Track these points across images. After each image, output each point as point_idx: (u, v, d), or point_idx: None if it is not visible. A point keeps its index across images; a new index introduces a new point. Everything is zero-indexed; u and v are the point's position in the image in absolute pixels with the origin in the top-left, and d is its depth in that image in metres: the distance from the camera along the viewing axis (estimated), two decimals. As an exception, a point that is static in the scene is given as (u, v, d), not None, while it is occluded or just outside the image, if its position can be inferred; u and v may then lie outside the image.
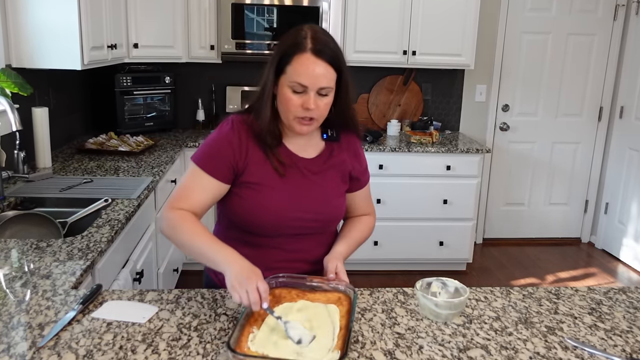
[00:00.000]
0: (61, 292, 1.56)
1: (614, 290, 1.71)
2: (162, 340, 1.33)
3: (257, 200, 1.62)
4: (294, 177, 1.67)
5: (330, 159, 1.73)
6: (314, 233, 1.73)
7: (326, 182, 1.71)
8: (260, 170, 1.63)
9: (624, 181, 4.84)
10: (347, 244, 1.74)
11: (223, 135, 1.64)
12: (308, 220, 1.67)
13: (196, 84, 4.65)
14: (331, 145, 1.75)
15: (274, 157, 1.65)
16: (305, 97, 1.54)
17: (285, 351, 1.25)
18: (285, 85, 1.56)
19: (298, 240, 1.70)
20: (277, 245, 1.68)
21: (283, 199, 1.64)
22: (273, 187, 1.64)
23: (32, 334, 1.33)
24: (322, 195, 1.70)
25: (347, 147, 1.77)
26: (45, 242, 1.94)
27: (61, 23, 2.93)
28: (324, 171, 1.72)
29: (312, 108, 1.55)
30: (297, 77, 1.53)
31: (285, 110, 1.58)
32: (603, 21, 4.88)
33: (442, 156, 4.18)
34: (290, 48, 1.55)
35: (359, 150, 1.82)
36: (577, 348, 1.36)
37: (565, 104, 5.03)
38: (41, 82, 3.27)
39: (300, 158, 1.69)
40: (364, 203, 1.87)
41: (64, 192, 2.65)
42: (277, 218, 1.64)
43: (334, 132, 1.75)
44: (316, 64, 1.52)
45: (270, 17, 4.13)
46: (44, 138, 3.05)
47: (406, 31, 4.28)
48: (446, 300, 1.45)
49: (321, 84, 1.54)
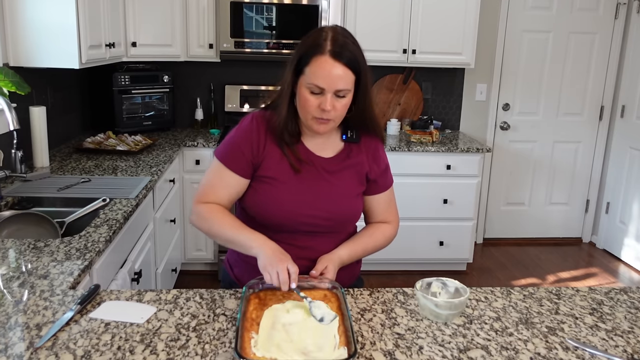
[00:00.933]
0: (59, 293, 1.55)
1: (615, 291, 1.71)
2: (160, 340, 1.33)
3: (271, 194, 1.67)
4: (309, 174, 1.70)
5: (348, 160, 1.75)
6: (328, 232, 1.74)
7: (342, 182, 1.73)
8: (276, 166, 1.68)
9: (625, 181, 4.84)
10: (351, 249, 1.75)
11: (242, 130, 1.71)
12: (322, 218, 1.70)
13: (195, 83, 4.65)
14: (350, 146, 1.77)
15: (291, 153, 1.69)
16: (322, 99, 1.57)
17: (291, 353, 1.26)
18: (304, 86, 1.59)
19: (312, 238, 1.72)
20: (290, 242, 1.69)
21: (297, 195, 1.67)
22: (287, 182, 1.68)
23: (30, 334, 1.33)
24: (337, 194, 1.72)
25: (366, 149, 1.79)
26: (42, 242, 1.94)
27: (59, 21, 2.92)
28: (340, 171, 1.74)
29: (329, 110, 1.57)
30: (315, 79, 1.55)
31: (303, 110, 1.62)
32: (604, 20, 4.88)
33: (442, 155, 4.18)
34: (310, 49, 1.57)
35: (379, 152, 1.82)
36: (578, 349, 1.36)
37: (566, 103, 5.03)
38: (39, 81, 3.26)
39: (317, 157, 1.72)
40: (382, 209, 1.86)
41: (61, 192, 2.64)
42: (290, 214, 1.67)
43: (354, 134, 1.77)
44: (334, 67, 1.55)
45: (269, 15, 4.13)
46: (42, 137, 3.05)
47: (406, 29, 4.27)
48: (446, 301, 1.45)
49: (338, 87, 1.56)
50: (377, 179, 1.81)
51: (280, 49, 4.15)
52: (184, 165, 4.01)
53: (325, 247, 1.74)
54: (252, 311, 1.42)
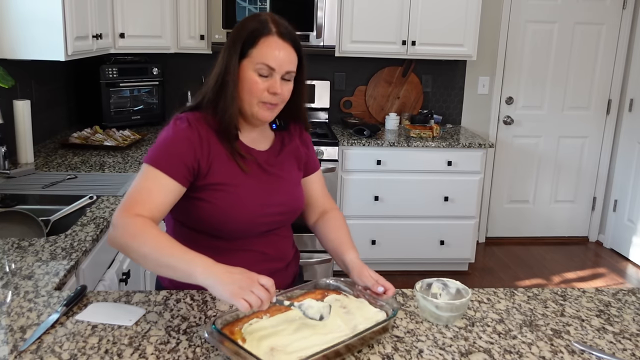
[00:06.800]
0: (44, 294, 1.55)
1: (623, 292, 1.72)
2: (149, 344, 1.33)
3: (230, 201, 1.60)
4: (255, 172, 1.67)
5: (284, 148, 1.77)
6: (279, 227, 1.75)
7: (284, 173, 1.74)
8: (226, 169, 1.61)
9: (634, 177, 4.85)
10: (353, 247, 1.71)
11: (181, 134, 1.57)
12: (276, 214, 1.69)
13: (185, 76, 4.64)
14: (281, 134, 1.79)
15: (237, 153, 1.64)
16: (271, 81, 1.57)
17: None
18: (250, 69, 1.57)
19: (265, 238, 1.70)
20: (246, 247, 1.67)
21: (252, 195, 1.64)
22: (240, 185, 1.62)
23: (14, 337, 1.33)
24: (285, 186, 1.73)
25: (295, 134, 1.82)
26: (27, 241, 1.94)
27: (44, 12, 2.91)
28: (281, 162, 1.75)
29: (279, 92, 1.58)
30: (265, 59, 1.55)
31: (249, 94, 1.59)
32: (612, 9, 4.88)
33: (443, 151, 4.18)
34: (255, 31, 1.57)
35: (304, 134, 1.86)
36: (584, 352, 1.37)
37: (572, 96, 5.04)
38: (23, 74, 3.25)
39: (257, 151, 1.70)
40: (320, 192, 1.88)
41: (46, 189, 2.64)
42: (250, 216, 1.63)
43: (282, 122, 1.79)
44: (282, 47, 1.57)
45: (263, 5, 4.12)
46: (26, 132, 3.04)
47: (405, 20, 4.27)
48: (447, 302, 1.46)
49: (287, 68, 1.58)
50: (308, 161, 1.84)
51: (275, 40, 4.13)
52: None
53: (278, 244, 1.75)
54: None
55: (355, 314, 1.42)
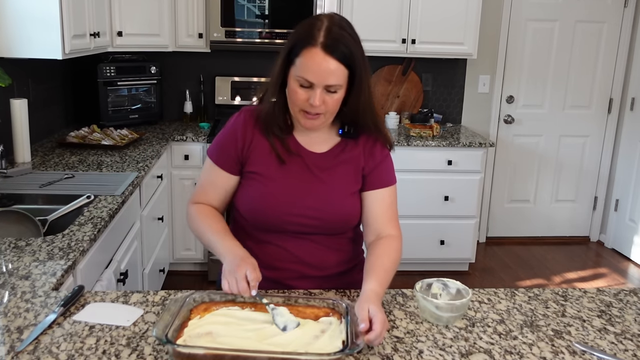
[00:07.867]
0: (41, 294, 1.55)
1: (624, 292, 1.72)
2: (147, 344, 1.33)
3: (258, 190, 1.66)
4: (297, 170, 1.67)
5: (342, 154, 1.71)
6: (320, 234, 1.70)
7: (334, 179, 1.68)
8: (263, 161, 1.68)
9: (635, 177, 4.85)
10: (379, 278, 1.53)
11: (230, 126, 1.73)
12: (307, 217, 1.66)
13: (184, 75, 4.64)
14: (345, 141, 1.72)
15: (280, 145, 1.67)
16: (311, 93, 1.53)
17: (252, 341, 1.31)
18: (293, 78, 1.55)
19: (299, 241, 1.69)
20: (279, 244, 1.69)
21: (283, 190, 1.65)
22: (274, 178, 1.67)
23: (11, 337, 1.33)
24: (327, 192, 1.67)
25: (363, 143, 1.72)
26: (24, 240, 1.94)
27: (41, 10, 2.91)
28: (334, 167, 1.69)
29: (317, 105, 1.54)
30: (304, 72, 1.52)
31: (291, 102, 1.60)
32: (613, 8, 4.88)
33: (443, 150, 4.18)
34: (302, 39, 1.53)
35: (376, 146, 1.73)
36: (585, 353, 1.37)
37: (573, 95, 5.04)
38: (20, 73, 3.25)
39: (308, 152, 1.69)
40: (380, 211, 1.71)
41: (44, 188, 2.64)
42: (276, 211, 1.65)
43: (352, 129, 1.70)
44: (325, 60, 1.50)
45: (262, 3, 4.12)
46: (23, 131, 3.04)
47: (405, 18, 4.27)
48: (447, 302, 1.46)
49: (328, 82, 1.52)
50: (371, 173, 1.71)
51: (273, 38, 4.14)
52: (173, 161, 4.00)
53: (318, 252, 1.70)
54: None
55: (324, 341, 1.31)
